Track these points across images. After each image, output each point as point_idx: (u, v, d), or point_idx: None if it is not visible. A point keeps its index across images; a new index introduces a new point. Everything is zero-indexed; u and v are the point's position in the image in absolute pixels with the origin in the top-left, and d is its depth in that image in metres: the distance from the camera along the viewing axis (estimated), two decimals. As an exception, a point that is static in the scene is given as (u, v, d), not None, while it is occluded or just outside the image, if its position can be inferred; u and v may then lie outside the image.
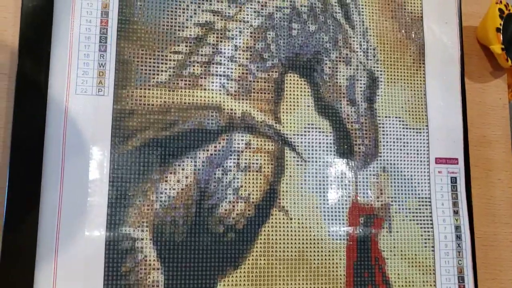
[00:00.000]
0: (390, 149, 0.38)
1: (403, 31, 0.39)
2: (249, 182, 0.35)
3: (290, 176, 0.36)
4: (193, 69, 0.36)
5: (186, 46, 0.36)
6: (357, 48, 0.38)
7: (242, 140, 0.35)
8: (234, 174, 0.35)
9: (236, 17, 0.37)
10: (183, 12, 0.36)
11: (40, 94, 0.33)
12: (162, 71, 0.35)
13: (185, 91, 0.35)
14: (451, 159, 0.38)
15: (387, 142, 0.38)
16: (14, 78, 0.33)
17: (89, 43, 0.34)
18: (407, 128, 0.38)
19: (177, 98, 0.35)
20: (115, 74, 0.34)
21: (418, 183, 0.38)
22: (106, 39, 0.34)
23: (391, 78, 0.39)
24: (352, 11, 0.39)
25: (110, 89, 0.34)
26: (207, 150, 0.35)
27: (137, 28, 0.35)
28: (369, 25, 0.39)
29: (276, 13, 0.37)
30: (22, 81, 0.33)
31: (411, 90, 0.39)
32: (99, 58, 0.34)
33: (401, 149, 0.38)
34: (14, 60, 0.33)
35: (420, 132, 0.38)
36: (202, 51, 0.36)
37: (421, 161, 0.38)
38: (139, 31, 0.35)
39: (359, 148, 0.37)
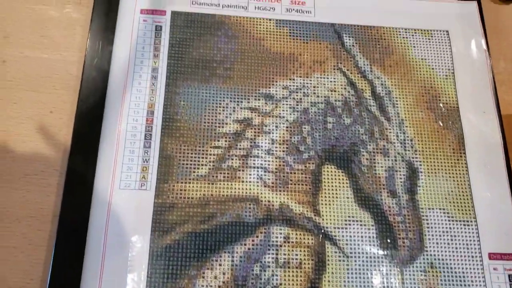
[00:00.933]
0: (437, 243, 0.37)
1: (440, 122, 0.42)
2: (289, 280, 0.35)
3: (332, 272, 0.36)
4: (232, 162, 0.39)
5: (226, 141, 0.39)
6: (394, 139, 0.41)
7: (280, 233, 0.37)
8: (272, 271, 0.36)
9: (273, 113, 0.41)
10: (223, 110, 0.40)
11: (87, 189, 0.36)
12: (202, 165, 0.38)
13: (224, 184, 0.38)
14: (507, 255, 0.37)
15: (432, 235, 0.38)
16: (64, 174, 0.37)
17: (134, 140, 0.38)
18: (453, 221, 0.38)
19: (215, 191, 0.37)
20: (158, 169, 0.38)
21: (472, 281, 0.36)
22: (151, 136, 0.39)
23: (431, 169, 0.40)
24: (387, 103, 0.42)
25: (153, 184, 0.37)
26: (245, 244, 0.36)
27: (180, 125, 0.39)
28: (405, 117, 0.42)
29: (311, 108, 0.41)
30: (71, 177, 0.37)
31: (453, 180, 0.40)
32: (144, 154, 0.38)
33: (448, 243, 0.38)
34: (65, 158, 0.38)
35: (468, 225, 0.38)
36: (240, 145, 0.39)
37: (472, 256, 0.37)
38: (182, 128, 0.39)
39: (403, 242, 0.37)
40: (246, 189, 0.38)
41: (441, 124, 0.42)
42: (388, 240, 0.37)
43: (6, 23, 0.42)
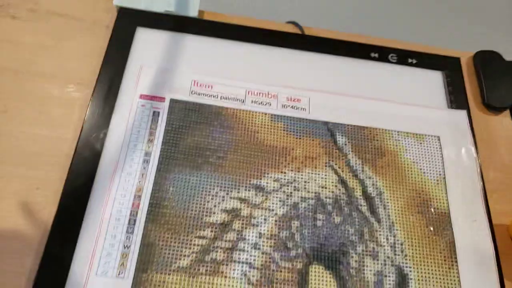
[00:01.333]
0: None
1: (430, 227, 0.43)
2: None
3: None
4: (216, 255, 0.39)
5: (211, 231, 0.40)
6: (383, 242, 0.41)
7: (261, 337, 0.36)
8: None
9: (262, 205, 0.42)
10: (212, 199, 0.41)
11: (62, 273, 0.36)
12: (184, 255, 0.38)
13: (205, 278, 0.38)
14: None
15: None
16: (41, 254, 0.37)
17: (118, 225, 0.39)
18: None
19: (195, 286, 0.37)
20: (138, 257, 0.38)
21: None
22: (135, 221, 0.39)
23: (421, 276, 0.40)
24: (377, 205, 0.43)
25: (131, 272, 0.37)
26: None
27: (166, 212, 0.40)
28: (395, 219, 0.43)
29: (301, 204, 0.42)
30: (48, 259, 0.37)
31: (444, 290, 0.40)
32: (125, 240, 0.38)
33: None
34: (44, 237, 0.38)
35: None
36: (226, 237, 0.40)
37: None
38: (168, 215, 0.40)
39: None
40: (228, 286, 0.38)
41: (432, 230, 0.43)
42: None
43: (7, 98, 0.45)
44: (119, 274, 0.37)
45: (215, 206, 0.41)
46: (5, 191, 0.40)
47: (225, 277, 0.38)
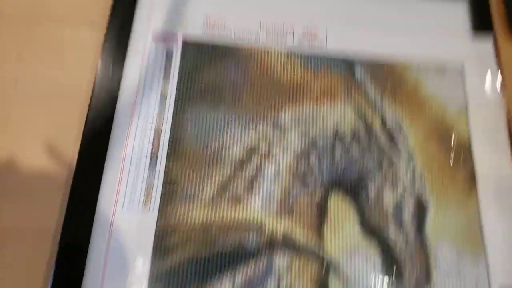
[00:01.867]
0: (444, 276, 0.39)
1: (451, 158, 0.44)
2: (290, 311, 0.38)
3: (335, 306, 0.38)
4: (236, 189, 0.41)
5: (231, 167, 0.42)
6: (403, 172, 0.43)
7: (283, 262, 0.39)
8: (274, 302, 0.38)
9: (280, 141, 0.44)
10: (230, 136, 0.43)
11: (89, 210, 0.39)
12: (206, 190, 0.41)
13: (227, 210, 0.41)
14: (519, 291, 0.39)
15: (440, 268, 0.40)
16: (67, 193, 0.40)
17: (140, 162, 0.42)
18: (461, 254, 0.41)
19: (219, 216, 0.40)
20: (161, 192, 0.40)
21: (482, 318, 0.38)
22: (157, 159, 0.42)
23: (440, 206, 0.42)
24: (397, 138, 0.45)
25: (156, 206, 0.40)
26: (246, 273, 0.38)
27: (186, 150, 0.42)
28: (415, 152, 0.44)
29: (319, 138, 0.44)
30: (74, 197, 0.40)
31: (463, 216, 0.42)
32: (148, 177, 0.41)
33: (456, 277, 0.40)
34: (70, 177, 0.41)
35: (478, 259, 0.40)
36: (246, 172, 0.42)
37: (482, 291, 0.39)
38: (188, 152, 0.42)
39: (410, 276, 0.39)
40: (250, 216, 0.41)
41: (452, 161, 0.44)
42: (394, 273, 0.39)
43: (21, 43, 0.47)
44: (144, 207, 0.40)
45: (233, 143, 0.43)
46: (26, 135, 0.43)
47: (246, 208, 0.41)
